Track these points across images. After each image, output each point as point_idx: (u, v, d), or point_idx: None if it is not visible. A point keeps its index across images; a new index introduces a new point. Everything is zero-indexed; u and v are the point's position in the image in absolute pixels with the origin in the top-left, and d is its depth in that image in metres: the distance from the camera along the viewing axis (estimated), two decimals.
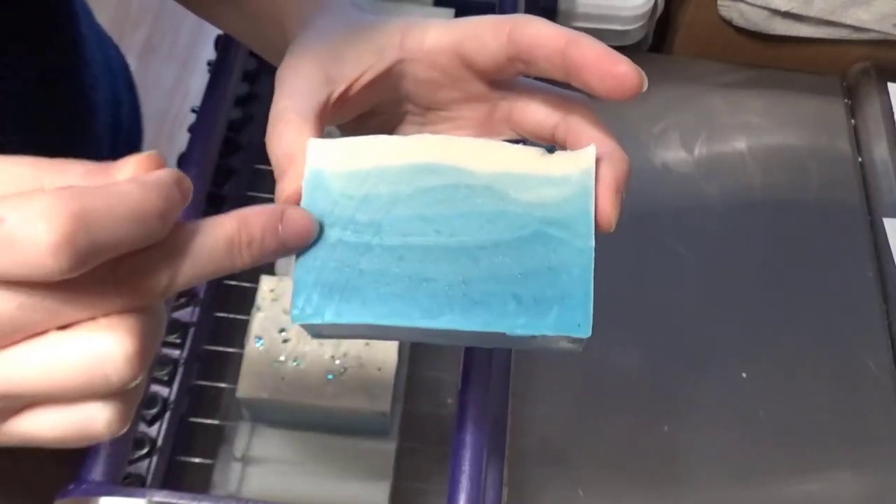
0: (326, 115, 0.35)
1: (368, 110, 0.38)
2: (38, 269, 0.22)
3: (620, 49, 0.31)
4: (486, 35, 0.33)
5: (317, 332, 0.33)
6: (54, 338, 0.24)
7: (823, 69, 0.84)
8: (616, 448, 0.64)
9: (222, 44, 0.71)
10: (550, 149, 0.33)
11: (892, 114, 0.80)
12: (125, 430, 0.25)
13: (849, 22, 0.79)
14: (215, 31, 0.74)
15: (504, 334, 0.31)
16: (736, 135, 0.80)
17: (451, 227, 0.32)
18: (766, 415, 0.66)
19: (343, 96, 0.35)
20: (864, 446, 0.65)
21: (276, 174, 0.34)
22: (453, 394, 0.61)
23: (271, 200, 0.78)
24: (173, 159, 0.68)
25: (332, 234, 0.32)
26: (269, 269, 0.67)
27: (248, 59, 0.73)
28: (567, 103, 0.35)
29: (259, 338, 0.58)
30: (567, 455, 0.63)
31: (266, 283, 0.60)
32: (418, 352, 0.65)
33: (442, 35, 0.35)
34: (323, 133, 0.34)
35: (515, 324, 0.31)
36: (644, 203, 0.75)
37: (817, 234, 0.75)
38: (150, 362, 0.25)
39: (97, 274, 0.23)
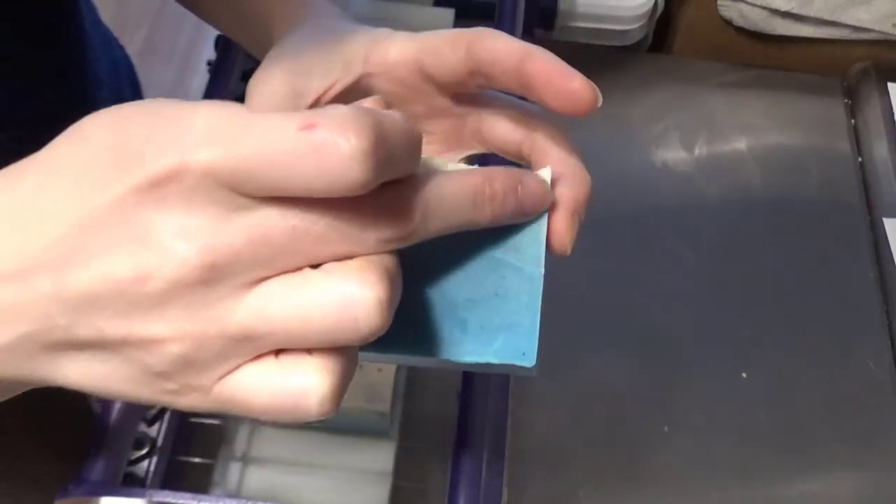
0: None
1: None
2: (340, 179, 0.21)
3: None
4: (445, 49, 0.33)
5: None
6: (309, 274, 0.23)
7: (823, 69, 0.84)
8: (616, 448, 0.64)
9: (222, 44, 0.71)
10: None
11: (892, 114, 0.80)
12: (334, 411, 0.24)
13: (849, 22, 0.79)
14: (215, 31, 0.74)
15: (450, 360, 0.30)
16: (736, 135, 0.80)
17: (399, 251, 0.31)
18: (766, 415, 0.66)
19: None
20: (863, 446, 0.65)
21: None
22: (453, 394, 0.61)
23: None
24: None
25: None
26: None
27: (247, 60, 0.73)
28: (532, 119, 0.35)
29: None
30: (567, 455, 0.63)
31: None
32: None
33: (404, 49, 0.35)
34: None
35: (460, 351, 0.30)
36: (644, 203, 0.75)
37: (817, 234, 0.75)
38: (393, 313, 0.24)
39: (362, 202, 0.23)
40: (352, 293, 0.23)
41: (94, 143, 0.23)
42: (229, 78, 0.69)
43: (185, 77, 1.68)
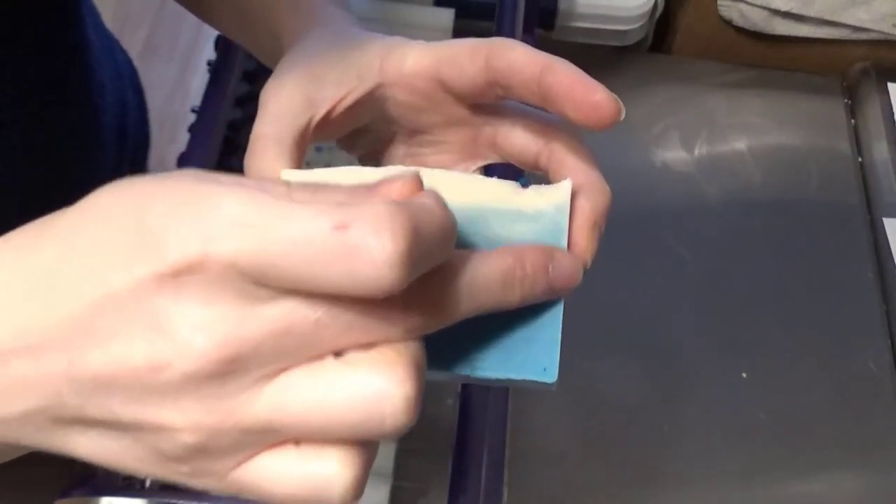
0: (307, 139, 0.34)
1: (362, 126, 0.37)
2: (371, 283, 0.21)
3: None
4: (463, 60, 0.33)
5: None
6: (332, 366, 0.22)
7: (823, 69, 0.84)
8: (616, 448, 0.64)
9: (222, 44, 0.71)
10: (525, 182, 0.32)
11: (892, 114, 0.80)
12: (357, 500, 0.23)
13: (849, 22, 0.79)
14: (215, 31, 0.74)
15: (469, 376, 0.30)
16: (736, 135, 0.80)
17: None
18: (766, 415, 0.66)
19: (325, 120, 0.34)
20: (864, 446, 0.65)
21: None
22: (453, 394, 0.61)
23: None
24: (173, 159, 0.68)
25: None
26: None
27: (248, 60, 0.73)
28: (550, 129, 0.34)
29: None
30: (567, 455, 0.63)
31: None
32: None
33: (421, 59, 0.34)
34: (303, 157, 0.34)
35: (480, 366, 0.29)
36: (644, 203, 0.75)
37: (817, 234, 0.75)
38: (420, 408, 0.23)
39: (392, 297, 0.22)
40: (379, 389, 0.22)
41: (116, 221, 0.22)
42: (229, 78, 0.69)
43: (185, 77, 1.68)
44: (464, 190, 0.32)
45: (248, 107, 0.73)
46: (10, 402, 0.23)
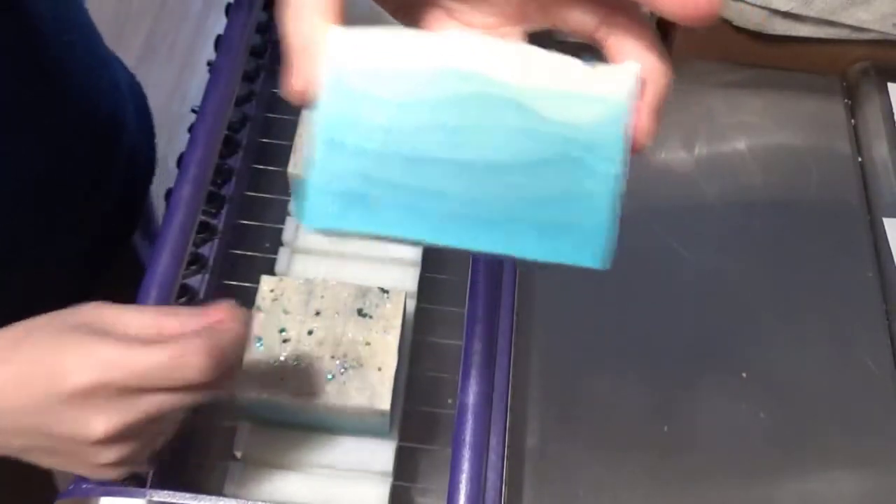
0: None
1: None
2: (192, 380, 0.41)
3: None
4: None
5: (326, 233, 0.32)
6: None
7: (823, 69, 0.84)
8: (616, 448, 0.64)
9: (222, 44, 0.71)
10: (590, 61, 0.31)
11: (892, 114, 0.80)
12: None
13: (849, 22, 0.79)
14: (215, 31, 0.74)
15: (517, 258, 0.30)
16: (736, 135, 0.80)
17: (472, 141, 0.30)
18: (766, 415, 0.66)
19: None
20: (864, 446, 0.65)
21: (291, 64, 0.30)
22: (453, 394, 0.61)
23: (271, 201, 0.78)
24: (173, 159, 0.68)
25: (348, 138, 0.30)
26: (270, 269, 0.67)
27: (248, 59, 0.73)
28: (613, 2, 0.32)
29: (259, 338, 0.58)
30: (567, 455, 0.63)
31: (266, 284, 0.60)
32: (418, 352, 0.65)
33: None
34: (345, 14, 0.31)
35: (526, 248, 0.30)
36: (644, 203, 0.75)
37: (817, 234, 0.75)
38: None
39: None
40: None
41: (68, 342, 0.42)
42: (229, 78, 0.69)
43: (184, 77, 1.68)
44: (527, 66, 0.30)
45: (248, 107, 0.73)
46: (8, 439, 0.43)
